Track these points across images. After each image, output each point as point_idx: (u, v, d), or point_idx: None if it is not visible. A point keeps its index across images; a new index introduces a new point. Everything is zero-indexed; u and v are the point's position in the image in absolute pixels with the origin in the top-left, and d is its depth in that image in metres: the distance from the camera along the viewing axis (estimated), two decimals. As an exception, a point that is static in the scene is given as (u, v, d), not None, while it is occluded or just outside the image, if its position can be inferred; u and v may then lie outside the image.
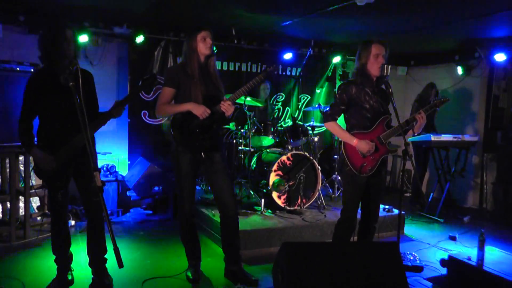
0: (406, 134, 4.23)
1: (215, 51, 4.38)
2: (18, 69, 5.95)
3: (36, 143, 3.98)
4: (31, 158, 5.74)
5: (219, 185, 4.40)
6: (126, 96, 4.15)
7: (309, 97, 9.31)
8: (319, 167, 6.54)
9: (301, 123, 7.02)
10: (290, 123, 6.97)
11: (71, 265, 4.43)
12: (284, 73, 9.02)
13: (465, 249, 5.75)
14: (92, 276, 4.30)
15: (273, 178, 6.23)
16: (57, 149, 3.89)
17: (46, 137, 3.96)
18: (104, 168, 7.17)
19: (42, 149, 3.90)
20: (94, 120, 3.93)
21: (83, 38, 6.89)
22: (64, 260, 4.30)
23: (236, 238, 4.52)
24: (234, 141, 7.30)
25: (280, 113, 9.11)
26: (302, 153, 6.51)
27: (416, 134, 4.43)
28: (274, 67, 4.27)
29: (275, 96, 8.97)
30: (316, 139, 7.39)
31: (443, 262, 4.94)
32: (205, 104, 4.18)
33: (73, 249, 4.43)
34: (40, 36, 3.87)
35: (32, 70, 6.03)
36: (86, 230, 4.28)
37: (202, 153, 4.27)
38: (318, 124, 7.63)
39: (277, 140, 6.93)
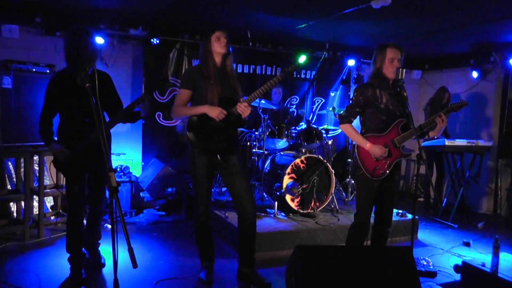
0: (422, 138, 4.21)
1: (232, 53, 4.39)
2: (34, 70, 5.99)
3: (56, 139, 4.26)
4: (45, 158, 5.85)
5: (236, 187, 4.40)
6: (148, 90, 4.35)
7: (323, 100, 9.30)
8: (333, 171, 6.52)
9: (315, 126, 7.00)
10: (304, 126, 6.94)
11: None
12: (298, 75, 9.01)
13: (479, 255, 5.71)
14: (87, 257, 4.66)
15: (286, 181, 6.22)
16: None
17: (65, 135, 4.20)
18: (118, 169, 7.20)
19: (61, 144, 4.17)
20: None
21: (99, 40, 6.93)
22: (77, 259, 4.36)
23: (253, 241, 4.52)
24: (248, 143, 7.31)
25: (294, 116, 9.08)
26: (316, 156, 6.49)
27: (435, 137, 4.40)
28: (293, 67, 4.24)
29: (289, 98, 8.96)
30: (330, 142, 7.38)
31: (457, 268, 4.90)
32: (221, 105, 4.20)
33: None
34: (66, 38, 4.15)
35: (48, 71, 6.07)
36: (87, 217, 4.64)
37: (218, 156, 4.28)
38: (332, 127, 7.61)
39: (291, 143, 6.93)
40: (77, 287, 4.28)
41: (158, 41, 7.40)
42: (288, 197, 6.23)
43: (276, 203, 6.32)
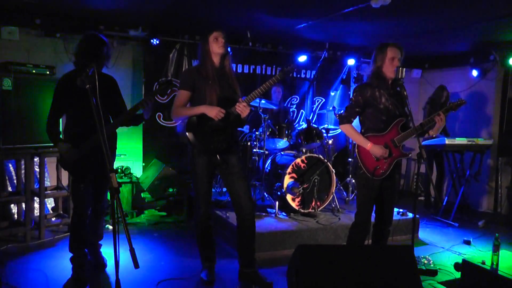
0: (422, 137, 4.22)
1: (230, 53, 4.39)
2: (34, 71, 5.98)
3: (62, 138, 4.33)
4: (46, 159, 5.85)
5: (235, 188, 4.41)
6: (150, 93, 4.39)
7: (324, 100, 9.29)
8: (333, 170, 6.53)
9: (316, 126, 7.00)
10: (304, 125, 6.95)
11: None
12: (298, 75, 9.00)
13: (479, 253, 5.73)
14: (89, 257, 4.66)
15: (287, 180, 6.23)
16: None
17: (71, 135, 4.26)
18: (119, 170, 7.21)
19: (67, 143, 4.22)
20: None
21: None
22: (79, 259, 4.37)
23: (252, 241, 4.52)
24: (249, 143, 7.31)
25: (294, 116, 9.09)
26: (317, 156, 6.50)
27: (434, 136, 4.41)
28: (292, 67, 4.25)
29: (289, 98, 8.96)
30: (330, 141, 7.37)
31: (457, 266, 4.91)
32: (220, 105, 4.20)
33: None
34: (79, 43, 4.31)
35: (48, 72, 6.07)
36: (89, 216, 4.59)
37: (218, 156, 4.28)
38: (333, 127, 7.59)
39: (292, 143, 6.93)
40: (79, 287, 4.30)
41: (158, 42, 7.40)
42: (289, 197, 6.23)
43: (277, 203, 6.32)
